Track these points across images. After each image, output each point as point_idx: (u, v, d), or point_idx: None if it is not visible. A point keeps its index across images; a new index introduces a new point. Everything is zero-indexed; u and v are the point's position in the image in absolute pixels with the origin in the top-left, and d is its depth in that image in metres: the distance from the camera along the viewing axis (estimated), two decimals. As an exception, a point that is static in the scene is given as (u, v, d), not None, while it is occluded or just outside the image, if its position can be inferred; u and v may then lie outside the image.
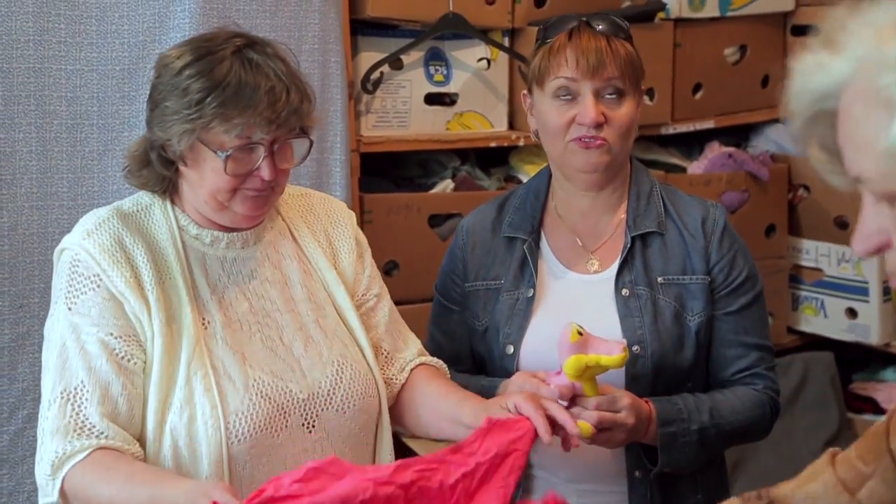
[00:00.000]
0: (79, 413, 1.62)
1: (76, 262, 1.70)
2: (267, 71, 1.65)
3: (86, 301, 1.67)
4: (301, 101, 1.68)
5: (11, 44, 2.29)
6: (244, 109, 1.62)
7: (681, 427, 1.87)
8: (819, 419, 3.44)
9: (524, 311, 1.95)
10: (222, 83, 1.63)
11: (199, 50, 1.67)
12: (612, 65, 1.90)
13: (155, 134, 1.69)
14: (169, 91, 1.66)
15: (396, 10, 2.85)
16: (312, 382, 1.74)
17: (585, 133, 1.89)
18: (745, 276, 1.98)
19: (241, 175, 1.67)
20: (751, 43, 3.46)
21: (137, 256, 1.70)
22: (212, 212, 1.73)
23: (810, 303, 3.54)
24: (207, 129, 1.64)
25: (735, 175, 3.37)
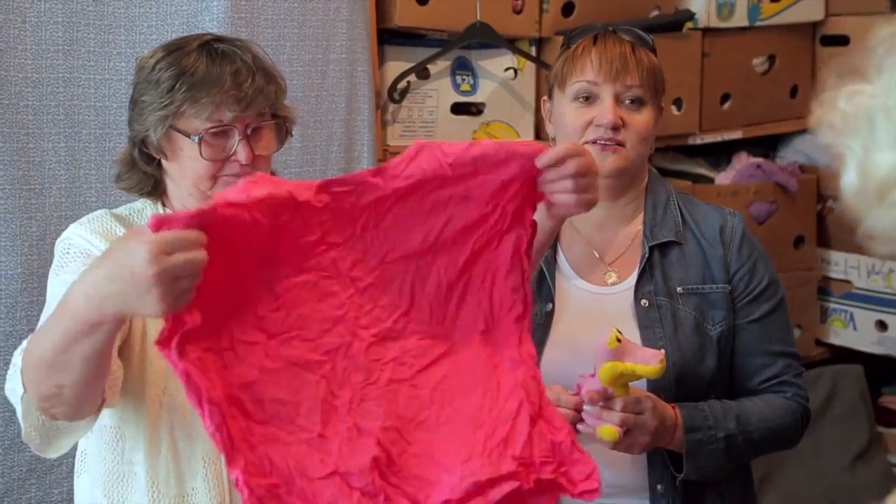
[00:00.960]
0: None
1: (68, 244, 1.72)
2: (233, 58, 1.70)
3: (73, 266, 1.68)
4: (267, 83, 1.71)
5: (41, 53, 2.30)
6: (210, 89, 1.66)
7: (707, 434, 1.85)
8: (848, 433, 3.40)
9: (543, 326, 1.95)
10: (189, 69, 1.67)
11: (169, 47, 1.74)
12: (634, 72, 1.90)
13: (134, 129, 1.73)
14: (144, 87, 1.71)
15: (424, 20, 2.85)
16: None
17: (602, 134, 1.88)
18: (767, 283, 1.96)
19: (219, 160, 1.69)
20: (779, 53, 3.44)
21: None
22: (197, 204, 1.70)
23: (839, 315, 3.51)
24: (179, 115, 1.67)
25: (763, 186, 3.35)
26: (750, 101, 3.38)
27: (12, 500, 2.32)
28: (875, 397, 3.54)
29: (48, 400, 1.46)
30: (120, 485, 1.66)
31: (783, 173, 3.39)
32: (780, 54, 3.45)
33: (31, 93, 2.30)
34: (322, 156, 2.65)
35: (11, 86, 2.27)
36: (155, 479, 1.64)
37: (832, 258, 3.51)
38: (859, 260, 3.44)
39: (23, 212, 2.29)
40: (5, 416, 2.30)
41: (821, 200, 3.51)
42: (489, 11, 2.90)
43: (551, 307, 1.95)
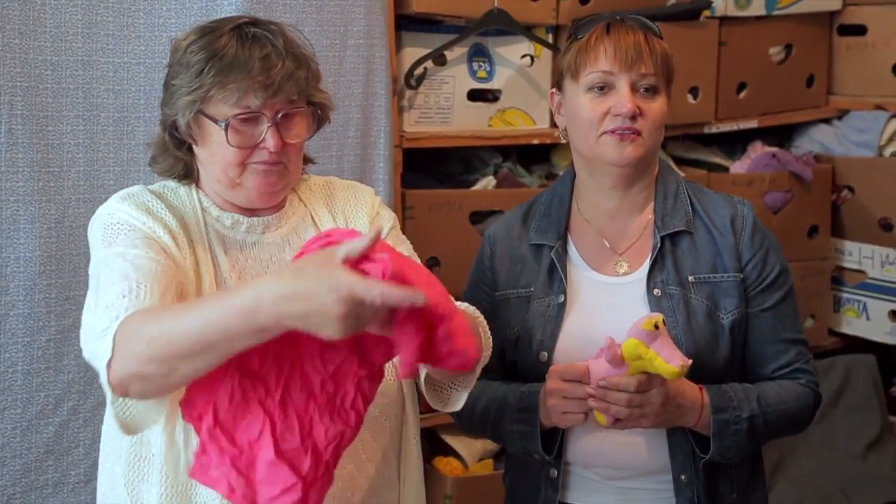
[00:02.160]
0: (143, 302, 1.55)
1: (110, 216, 1.69)
2: (264, 42, 1.67)
3: (126, 239, 1.65)
4: (297, 68, 1.68)
5: (60, 37, 2.31)
6: (238, 74, 1.63)
7: (732, 415, 1.87)
8: (860, 422, 3.41)
9: (556, 317, 1.95)
10: (219, 53, 1.65)
11: (203, 29, 1.71)
12: (649, 60, 1.89)
13: (165, 113, 1.72)
14: (176, 70, 1.70)
15: (441, 6, 2.85)
16: None
17: (621, 124, 1.88)
18: (779, 271, 1.97)
19: (247, 148, 1.67)
20: (796, 42, 3.43)
21: (170, 222, 1.70)
22: (226, 190, 1.73)
23: (852, 305, 3.51)
24: (208, 100, 1.65)
25: (778, 175, 3.35)
26: (766, 90, 3.38)
27: (30, 481, 2.34)
28: (887, 387, 3.54)
29: (141, 378, 1.47)
30: (137, 464, 1.66)
31: (798, 163, 3.39)
32: (797, 43, 3.44)
33: (50, 76, 2.30)
34: (339, 141, 2.65)
35: (31, 69, 2.28)
36: (167, 462, 1.62)
37: (846, 248, 3.51)
38: (873, 250, 3.44)
39: (41, 194, 2.31)
40: (23, 398, 2.32)
41: (835, 190, 3.50)
42: (506, -2, 2.90)
43: (563, 298, 1.95)
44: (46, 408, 2.34)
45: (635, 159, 1.91)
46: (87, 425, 2.37)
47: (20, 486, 2.33)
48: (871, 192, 3.44)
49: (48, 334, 2.33)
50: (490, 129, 2.99)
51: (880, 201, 3.42)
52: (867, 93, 3.48)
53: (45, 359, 2.33)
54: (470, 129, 2.96)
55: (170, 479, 1.62)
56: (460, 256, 2.77)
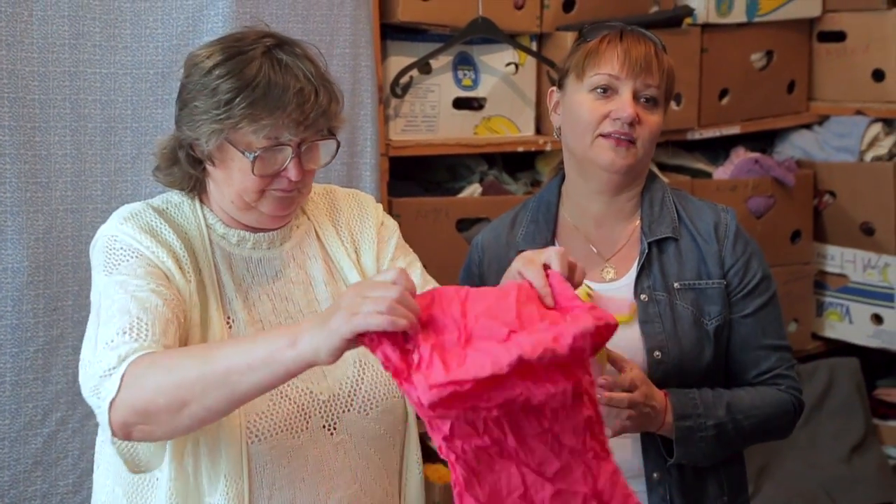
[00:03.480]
0: (140, 340, 1.53)
1: (113, 241, 1.66)
2: (296, 72, 1.64)
3: (129, 266, 1.63)
4: (329, 102, 1.66)
5: (47, 47, 2.31)
6: (273, 110, 1.61)
7: (696, 422, 1.87)
8: (844, 425, 3.43)
9: None
10: (251, 83, 1.61)
11: (229, 49, 1.66)
12: (656, 72, 1.92)
13: (184, 133, 1.67)
14: (198, 91, 1.65)
15: (426, 15, 2.86)
16: (333, 384, 1.71)
17: (619, 129, 1.90)
18: (760, 277, 1.98)
19: (269, 176, 1.65)
20: (777, 49, 3.46)
21: (174, 244, 1.68)
22: (237, 211, 1.71)
23: (835, 309, 3.54)
24: (236, 130, 1.62)
25: (761, 181, 3.37)
26: (748, 96, 3.40)
27: (18, 492, 2.33)
28: (871, 390, 3.56)
29: (147, 421, 1.47)
30: (141, 488, 1.64)
31: (780, 168, 3.41)
32: (778, 50, 3.47)
33: (37, 86, 2.31)
34: (325, 150, 2.66)
35: (18, 79, 2.28)
36: (175, 489, 1.61)
37: (828, 252, 3.54)
38: (855, 254, 3.46)
39: (29, 205, 2.31)
40: (12, 409, 2.31)
41: (817, 195, 3.53)
42: (491, 7, 2.92)
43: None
44: (35, 419, 2.34)
45: (626, 167, 1.93)
46: (76, 436, 2.37)
47: (9, 497, 2.32)
48: (852, 196, 3.47)
49: (36, 345, 2.33)
50: (475, 136, 3.01)
51: (861, 206, 3.45)
52: (847, 98, 3.51)
53: (33, 369, 2.33)
54: (455, 137, 2.98)
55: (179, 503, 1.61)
56: (447, 264, 2.77)
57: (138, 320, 1.55)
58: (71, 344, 2.35)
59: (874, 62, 3.44)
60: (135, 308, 1.56)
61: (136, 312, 1.56)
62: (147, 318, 1.56)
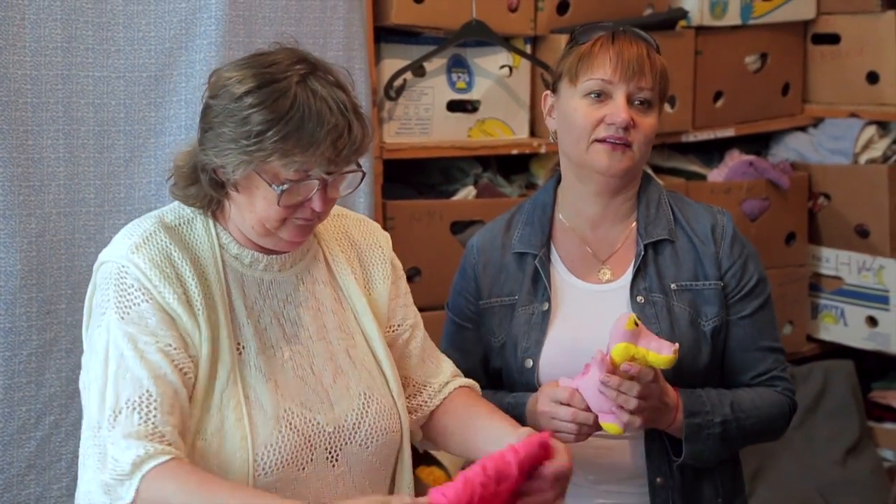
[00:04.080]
0: (148, 421, 1.55)
1: (124, 273, 1.64)
2: (331, 105, 1.59)
3: (140, 312, 1.61)
4: (362, 137, 1.62)
5: (40, 50, 2.31)
6: (306, 147, 1.57)
7: (705, 419, 1.89)
8: (839, 428, 3.43)
9: (540, 325, 1.97)
10: (285, 117, 1.57)
11: (262, 76, 1.60)
12: (649, 74, 1.91)
13: (209, 158, 1.63)
14: (227, 116, 1.60)
15: (420, 18, 2.86)
16: (339, 415, 1.71)
17: (613, 133, 1.90)
18: (757, 279, 1.99)
19: (293, 206, 1.63)
20: (772, 51, 3.47)
21: (185, 273, 1.66)
22: (257, 236, 1.69)
23: (830, 311, 3.54)
24: (265, 162, 1.59)
25: (755, 183, 3.38)
26: (742, 98, 3.41)
27: (12, 496, 2.33)
28: (865, 392, 3.57)
29: None
30: None
31: (775, 170, 3.42)
32: (773, 52, 3.47)
33: (29, 90, 2.30)
34: (319, 153, 2.66)
35: (10, 83, 2.28)
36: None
37: (823, 255, 3.54)
38: (850, 256, 3.47)
39: (22, 209, 2.30)
40: (5, 412, 2.31)
41: (812, 197, 3.53)
42: (485, 9, 2.92)
43: (548, 306, 1.97)
44: (28, 422, 2.34)
45: (623, 170, 1.93)
46: (69, 439, 2.37)
47: (2, 500, 2.32)
48: (846, 198, 3.48)
49: (29, 348, 2.32)
50: (469, 139, 3.01)
51: (856, 208, 3.45)
52: (842, 101, 3.52)
53: (26, 373, 2.32)
54: (449, 139, 2.98)
55: None
56: (441, 266, 2.78)
57: (147, 395, 1.56)
58: (64, 347, 2.34)
59: (868, 65, 3.44)
60: (145, 377, 1.57)
61: (146, 384, 1.57)
62: (155, 393, 1.57)
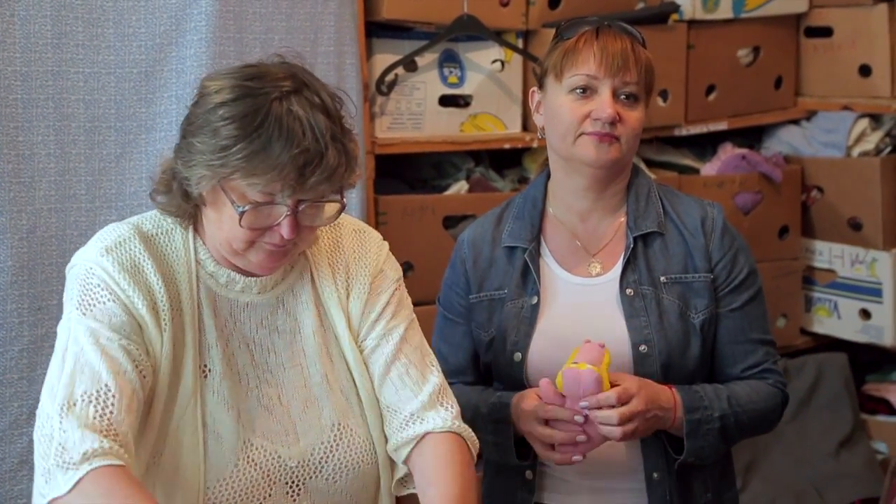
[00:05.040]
0: (104, 416, 1.47)
1: (90, 274, 1.57)
2: (305, 127, 1.50)
3: (106, 309, 1.55)
4: (338, 165, 1.52)
5: (30, 47, 2.31)
6: (267, 170, 1.49)
7: (704, 414, 1.89)
8: (832, 420, 3.43)
9: (529, 319, 1.97)
10: (252, 135, 1.49)
11: (241, 88, 1.53)
12: (633, 68, 1.91)
13: (178, 167, 1.57)
14: (199, 126, 1.54)
15: (411, 13, 2.86)
16: (305, 448, 1.64)
17: (600, 129, 1.90)
18: (748, 272, 2.00)
19: (259, 229, 1.55)
20: (764, 44, 3.46)
21: (154, 285, 1.58)
22: (227, 254, 1.62)
23: (824, 304, 3.54)
24: (229, 179, 1.52)
25: (748, 176, 3.38)
26: (735, 92, 3.40)
27: (4, 491, 2.33)
28: (859, 385, 3.57)
29: None
30: None
31: (768, 164, 3.42)
32: (765, 46, 3.47)
33: (20, 86, 2.30)
34: (310, 148, 2.66)
35: (0, 80, 2.28)
36: None
37: (816, 248, 3.54)
38: (843, 249, 3.47)
39: (12, 205, 2.31)
40: (-4, 409, 2.31)
41: (805, 190, 3.53)
42: (476, 4, 2.92)
43: (537, 300, 1.97)
44: (20, 418, 2.34)
45: (611, 161, 1.93)
46: (62, 435, 2.37)
47: (-5, 496, 2.33)
48: (839, 191, 3.47)
49: (21, 344, 2.33)
50: (462, 134, 3.01)
51: (849, 201, 3.45)
52: (834, 94, 3.51)
53: (17, 369, 2.33)
54: (442, 134, 2.98)
55: None
56: (434, 261, 2.78)
57: (106, 388, 1.49)
58: (56, 343, 2.35)
59: (861, 57, 3.44)
60: (104, 370, 1.50)
61: (105, 378, 1.50)
62: (114, 388, 1.49)
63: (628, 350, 1.92)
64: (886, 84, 3.39)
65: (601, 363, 1.80)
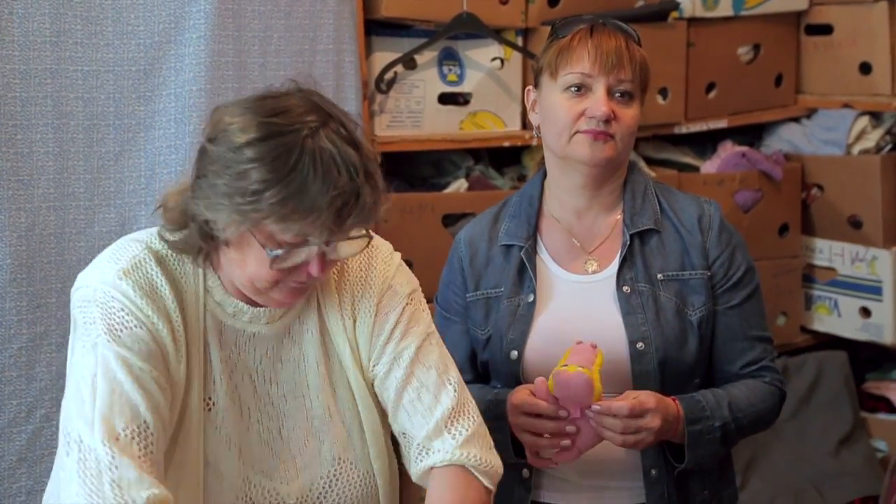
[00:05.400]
0: (146, 454, 1.43)
1: (110, 298, 1.50)
2: (339, 166, 1.44)
3: (133, 336, 1.49)
4: (372, 202, 1.48)
5: (29, 45, 2.31)
6: (307, 214, 1.44)
7: (706, 425, 1.89)
8: (832, 418, 3.43)
9: (526, 316, 1.97)
10: (286, 178, 1.42)
11: (266, 127, 1.45)
12: (628, 66, 1.91)
13: (199, 209, 1.49)
14: (223, 167, 1.46)
15: (410, 10, 2.86)
16: (304, 484, 1.62)
17: (595, 127, 1.90)
18: (745, 269, 2.00)
19: (287, 270, 1.51)
20: (764, 42, 3.46)
21: (172, 311, 1.53)
22: (249, 291, 1.56)
23: (824, 302, 3.54)
24: (260, 223, 1.46)
25: (748, 174, 3.37)
26: (735, 90, 3.40)
27: (3, 489, 2.34)
28: (859, 383, 3.57)
29: None
30: None
31: (768, 162, 3.41)
32: (765, 43, 3.46)
33: (18, 84, 2.31)
34: (309, 146, 2.65)
35: (-1, 77, 2.29)
36: None
37: (817, 246, 3.54)
38: (843, 247, 3.47)
39: (11, 203, 2.31)
40: (-5, 406, 2.32)
41: (805, 188, 3.53)
42: (475, 2, 2.92)
43: (533, 298, 1.98)
44: (19, 416, 2.34)
45: (606, 159, 1.93)
46: (61, 433, 2.37)
47: (-6, 494, 2.33)
48: (840, 189, 3.47)
49: (20, 342, 2.33)
50: (461, 132, 3.01)
51: (849, 199, 3.45)
52: (835, 91, 3.51)
53: (16, 366, 2.33)
54: (441, 132, 2.98)
55: None
56: (433, 259, 2.77)
57: (145, 426, 1.45)
58: (55, 341, 2.35)
59: (861, 55, 3.43)
60: (142, 405, 1.46)
61: (143, 414, 1.45)
62: (153, 426, 1.45)
63: (625, 347, 1.92)
64: (887, 82, 3.38)
65: (593, 364, 1.80)
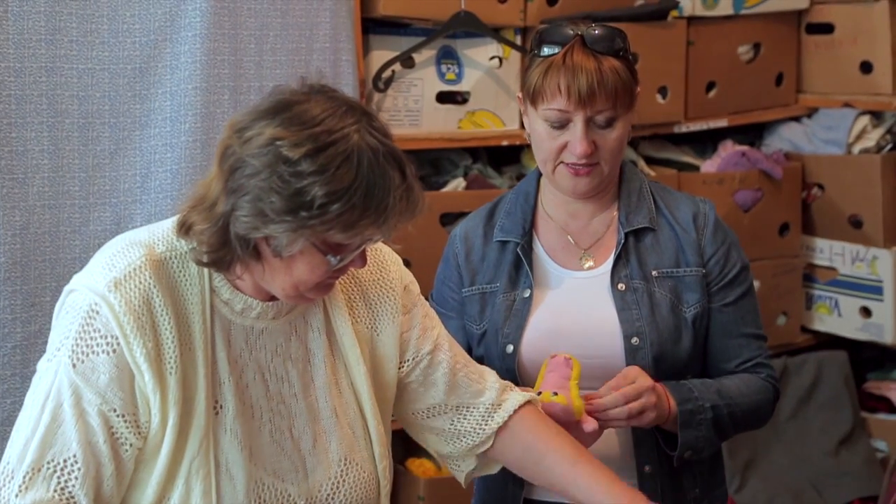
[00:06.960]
0: (64, 490, 1.46)
1: (94, 313, 1.49)
2: (391, 163, 1.44)
3: (96, 364, 1.48)
4: (420, 190, 1.50)
5: (24, 43, 2.31)
6: (376, 217, 1.43)
7: (696, 405, 1.89)
8: (833, 418, 3.43)
9: (522, 311, 1.97)
10: (351, 188, 1.41)
11: (317, 138, 1.42)
12: (601, 97, 1.87)
13: (246, 228, 1.45)
14: (279, 183, 1.42)
15: (408, 9, 2.85)
16: (313, 485, 1.61)
17: (576, 161, 1.90)
18: (740, 267, 2.00)
19: (339, 270, 1.52)
20: (765, 41, 3.45)
21: (164, 323, 1.51)
22: (283, 296, 1.55)
23: (824, 302, 3.53)
24: (323, 233, 1.45)
25: (749, 174, 3.36)
26: (735, 89, 3.39)
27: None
28: (859, 383, 3.56)
29: None
30: None
31: (768, 161, 3.41)
32: (766, 42, 3.46)
33: (13, 82, 2.31)
34: (306, 145, 2.65)
35: (-6, 76, 2.29)
36: None
37: (817, 245, 3.53)
38: (844, 247, 3.46)
39: (6, 201, 2.31)
40: (-9, 404, 2.31)
41: (805, 188, 3.52)
42: (474, 0, 2.91)
43: (529, 293, 1.98)
44: (13, 414, 2.29)
45: (591, 190, 1.95)
46: (56, 432, 2.37)
47: (-12, 493, 2.32)
48: (840, 189, 3.46)
49: (14, 341, 2.33)
50: (459, 130, 3.00)
51: (850, 198, 3.44)
52: (835, 91, 3.50)
53: (11, 365, 2.33)
54: (439, 131, 2.97)
55: None
56: (431, 258, 2.75)
57: (73, 461, 1.46)
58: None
59: (862, 54, 3.42)
60: (76, 441, 1.47)
61: (75, 449, 1.46)
62: (81, 462, 1.46)
63: (620, 342, 1.92)
64: (887, 81, 3.37)
65: (569, 379, 1.81)
